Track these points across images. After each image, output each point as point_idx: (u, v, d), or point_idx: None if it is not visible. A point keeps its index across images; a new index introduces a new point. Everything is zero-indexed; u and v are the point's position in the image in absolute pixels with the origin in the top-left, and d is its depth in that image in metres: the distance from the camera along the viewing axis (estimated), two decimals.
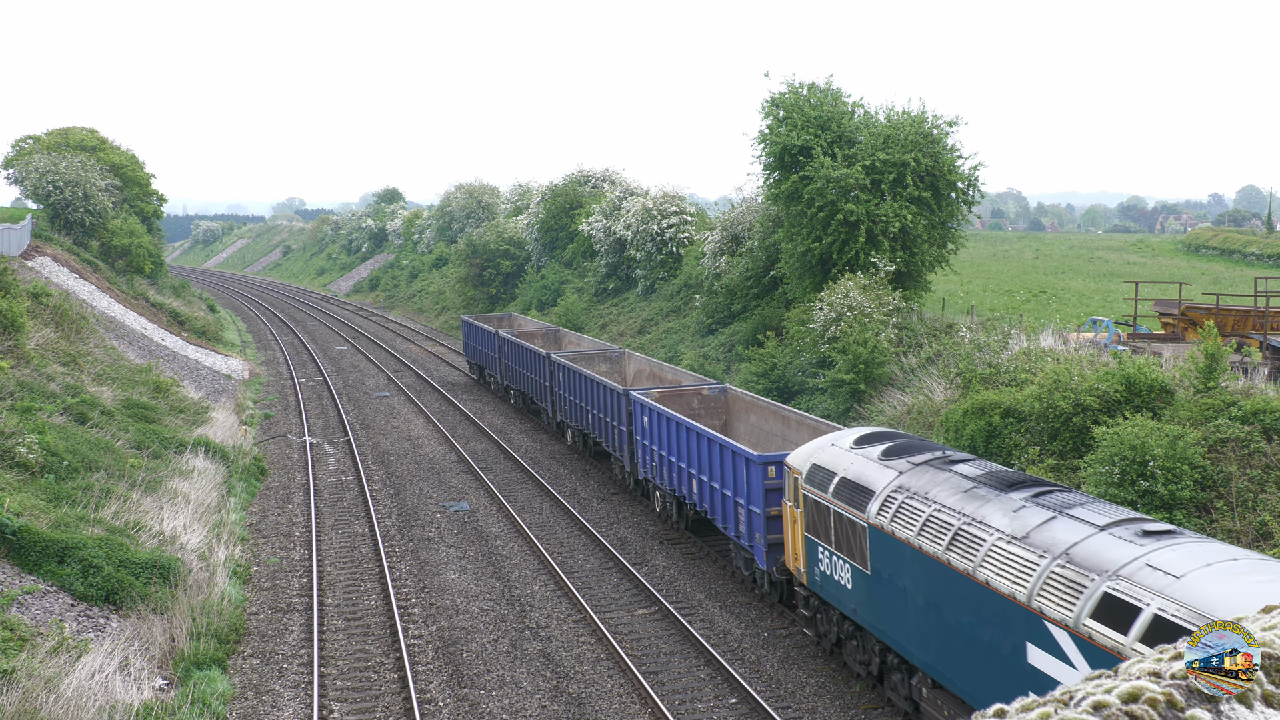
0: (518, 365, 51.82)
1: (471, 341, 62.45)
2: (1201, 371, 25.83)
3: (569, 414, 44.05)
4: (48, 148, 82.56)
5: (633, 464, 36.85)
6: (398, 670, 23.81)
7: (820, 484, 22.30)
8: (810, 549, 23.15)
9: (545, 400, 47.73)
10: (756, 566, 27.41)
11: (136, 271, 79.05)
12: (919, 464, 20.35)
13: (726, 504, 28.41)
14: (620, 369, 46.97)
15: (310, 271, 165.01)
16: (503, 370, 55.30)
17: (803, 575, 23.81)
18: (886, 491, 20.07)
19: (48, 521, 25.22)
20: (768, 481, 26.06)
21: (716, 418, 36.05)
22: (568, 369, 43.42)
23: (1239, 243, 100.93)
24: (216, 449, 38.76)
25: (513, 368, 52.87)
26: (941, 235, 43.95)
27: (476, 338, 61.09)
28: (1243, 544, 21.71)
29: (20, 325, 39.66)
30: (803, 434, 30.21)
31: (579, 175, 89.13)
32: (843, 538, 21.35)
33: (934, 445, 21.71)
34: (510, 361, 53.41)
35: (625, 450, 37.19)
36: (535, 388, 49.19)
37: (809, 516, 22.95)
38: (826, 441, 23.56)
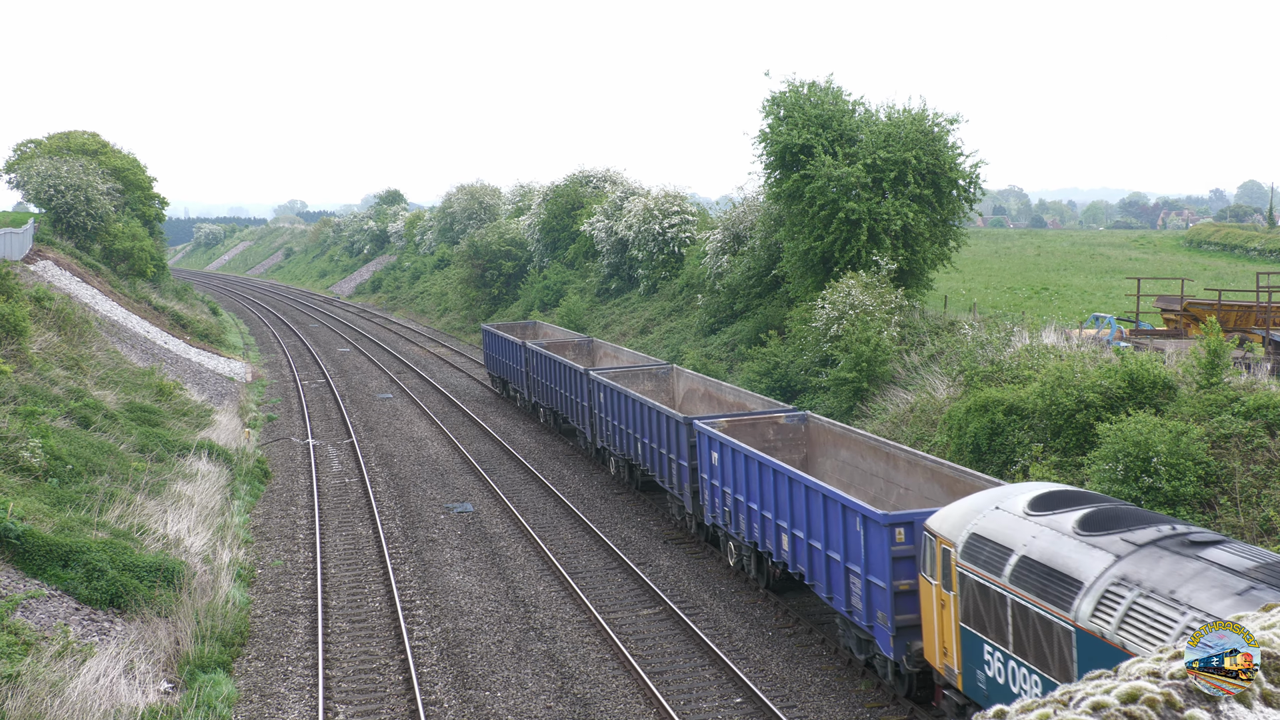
0: (549, 381, 46.96)
1: (494, 353, 57.55)
2: (1204, 367, 25.82)
3: (612, 440, 38.76)
4: (49, 151, 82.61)
5: (696, 505, 31.48)
6: (403, 672, 23.82)
7: (987, 562, 17.63)
8: (971, 645, 18.30)
9: (582, 422, 42.66)
10: (878, 652, 21.86)
11: (139, 275, 79.11)
12: (1144, 545, 15.70)
13: (833, 569, 23.12)
14: (668, 387, 41.58)
15: (312, 274, 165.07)
16: (530, 385, 50.66)
17: (957, 677, 18.83)
18: (1103, 584, 15.41)
19: (51, 525, 25.24)
20: (895, 548, 20.66)
21: (795, 451, 30.78)
22: (610, 389, 38.21)
23: (1241, 238, 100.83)
24: (220, 452, 38.78)
25: (543, 384, 48.19)
26: (943, 233, 43.95)
27: (499, 348, 56.07)
28: (1246, 539, 21.71)
29: (23, 329, 39.69)
30: (916, 477, 25.44)
31: (580, 175, 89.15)
32: (1029, 639, 16.69)
33: (1149, 515, 16.95)
34: (540, 377, 48.56)
35: (685, 489, 31.91)
36: (570, 407, 44.05)
37: (969, 603, 18.14)
38: (987, 502, 18.81)
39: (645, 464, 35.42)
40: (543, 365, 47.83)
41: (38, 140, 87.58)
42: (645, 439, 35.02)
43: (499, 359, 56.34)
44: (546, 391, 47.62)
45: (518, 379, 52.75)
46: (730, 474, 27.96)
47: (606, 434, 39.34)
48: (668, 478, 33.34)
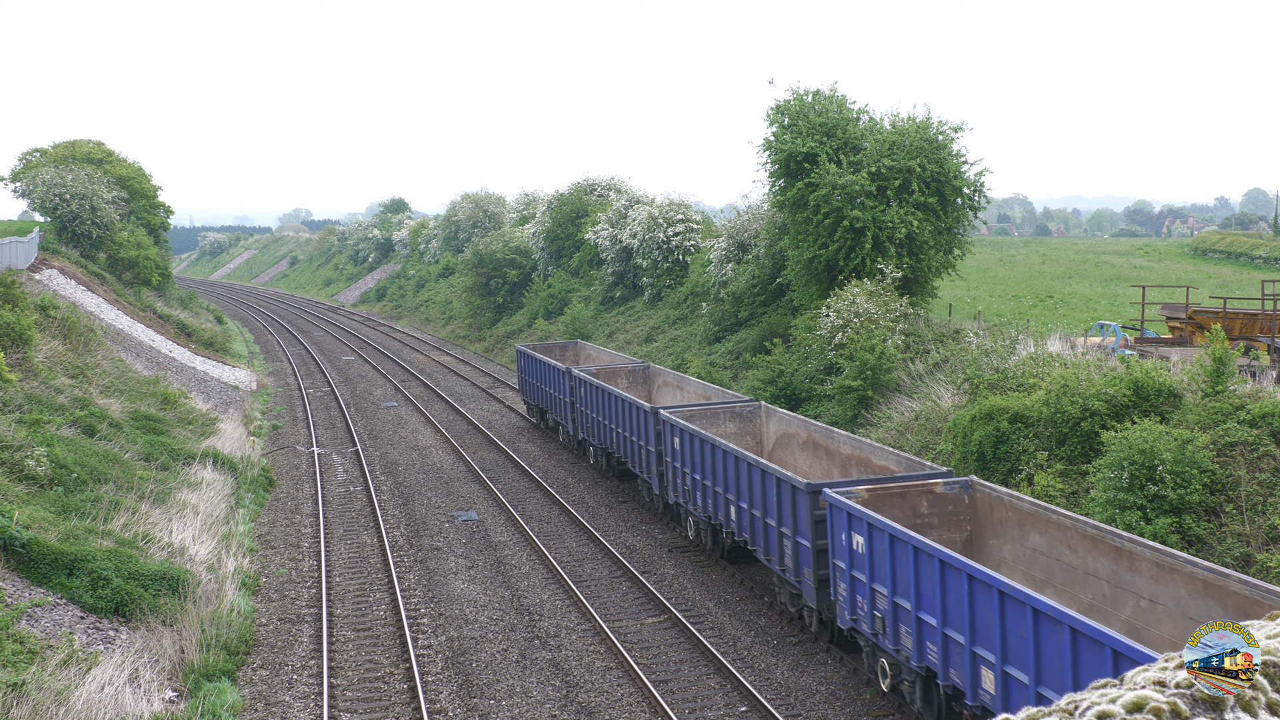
0: (601, 416, 40.18)
1: (530, 377, 50.76)
2: (1209, 375, 25.79)
3: (692, 497, 31.56)
4: (55, 160, 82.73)
5: (823, 597, 24.30)
6: (407, 680, 23.81)
7: None
8: None
9: (646, 469, 35.65)
10: None
11: (144, 283, 79.19)
12: None
13: None
14: (754, 429, 33.99)
15: (317, 282, 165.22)
16: (577, 419, 43.98)
17: None
18: None
19: (57, 534, 25.26)
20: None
21: (955, 529, 23.51)
22: (689, 434, 31.15)
23: (1246, 246, 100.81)
24: (225, 460, 38.80)
25: (593, 418, 41.27)
26: (948, 241, 43.93)
27: (537, 373, 49.29)
28: (1252, 547, 21.69)
29: (28, 338, 39.74)
30: (1170, 586, 18.22)
31: (585, 184, 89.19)
32: None
33: None
34: (590, 410, 41.68)
35: (809, 578, 24.49)
36: (630, 449, 37.26)
37: None
38: None
39: (744, 535, 27.91)
40: (593, 397, 41.04)
41: (43, 149, 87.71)
42: (743, 503, 27.69)
43: (536, 385, 49.74)
44: (597, 428, 41.00)
45: (560, 410, 46.20)
46: (886, 568, 20.72)
47: (683, 488, 32.11)
48: (780, 556, 25.84)
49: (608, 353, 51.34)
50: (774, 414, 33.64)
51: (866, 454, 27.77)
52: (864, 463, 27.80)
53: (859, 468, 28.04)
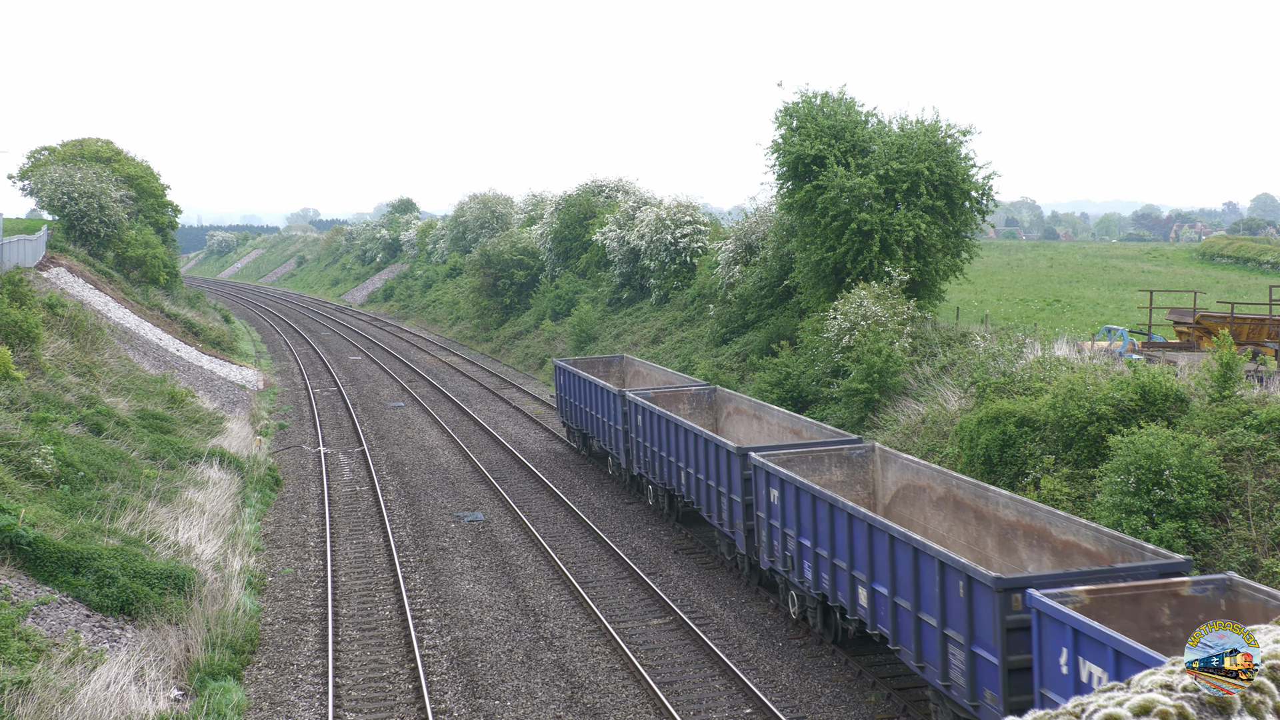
0: (666, 452, 34.32)
1: (570, 397, 45.43)
2: (1216, 380, 25.75)
3: (800, 567, 25.30)
4: (63, 159, 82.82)
5: None
6: (412, 681, 23.82)
7: None
8: None
9: (727, 520, 29.72)
10: None
11: (151, 282, 79.27)
12: None
13: None
14: (866, 476, 27.90)
15: (325, 282, 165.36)
16: (632, 451, 38.23)
17: None
18: None
19: (63, 532, 25.29)
20: None
21: None
22: (792, 487, 25.26)
23: (1254, 251, 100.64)
24: (231, 459, 38.84)
25: (654, 452, 35.54)
26: (955, 244, 43.89)
27: (580, 393, 43.78)
28: (1259, 552, 21.66)
29: (36, 336, 39.79)
30: None
31: (592, 185, 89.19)
32: None
33: None
34: (650, 442, 35.82)
35: None
36: (705, 495, 31.15)
37: None
38: None
39: (883, 628, 21.72)
40: (654, 428, 35.30)
41: (51, 148, 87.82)
42: (880, 586, 21.63)
43: (579, 407, 44.21)
44: (659, 464, 35.18)
45: (608, 438, 40.63)
46: None
47: (783, 551, 26.21)
48: (942, 666, 19.49)
49: (659, 370, 45.14)
50: (893, 460, 27.30)
51: (1043, 524, 21.26)
52: (1037, 535, 21.45)
53: (1029, 541, 21.68)
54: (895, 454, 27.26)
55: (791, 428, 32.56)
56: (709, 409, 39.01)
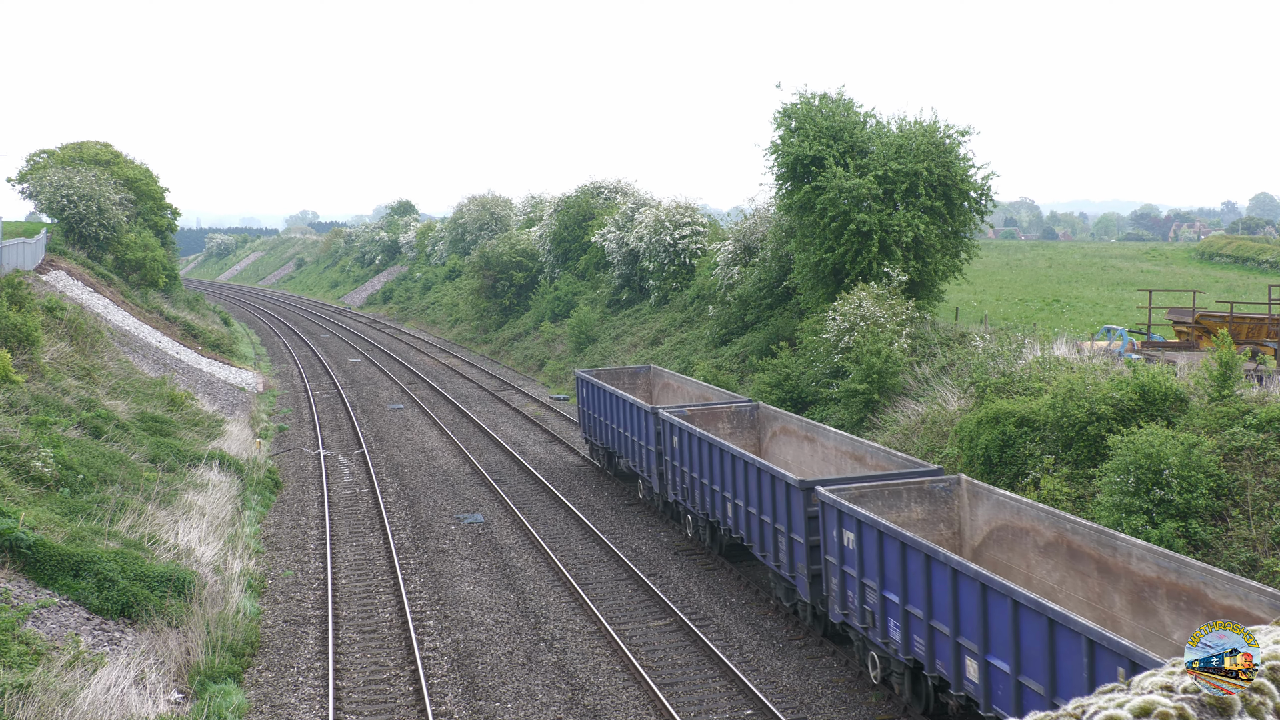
0: (708, 479, 30.75)
1: (594, 412, 42.17)
2: (1216, 380, 25.77)
3: (887, 628, 21.56)
4: (62, 162, 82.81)
5: None
6: (413, 683, 23.82)
7: None
8: None
9: (786, 563, 26.01)
10: None
11: (150, 285, 79.25)
12: None
13: None
14: (951, 513, 24.15)
15: (324, 284, 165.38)
16: (667, 475, 34.67)
17: None
18: None
19: (63, 535, 25.28)
20: None
21: None
22: (875, 528, 21.43)
23: (1253, 250, 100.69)
24: (231, 462, 38.83)
25: (693, 478, 32.05)
26: (954, 245, 43.90)
27: (604, 408, 40.72)
28: (1258, 552, 21.67)
29: (35, 339, 39.78)
30: None
31: (591, 186, 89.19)
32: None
33: None
34: (689, 467, 32.39)
35: None
36: (761, 533, 27.44)
37: None
38: None
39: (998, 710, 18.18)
40: (693, 451, 31.92)
41: (50, 150, 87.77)
42: (1000, 661, 18.07)
43: (602, 422, 41.21)
44: (701, 493, 31.69)
45: (639, 458, 37.28)
46: None
47: (860, 606, 22.29)
48: None
49: (692, 383, 41.32)
50: (984, 496, 23.49)
51: (1195, 584, 17.64)
52: (1187, 597, 17.87)
53: (1175, 603, 18.17)
54: (988, 489, 23.45)
55: (852, 453, 28.94)
56: (751, 428, 35.32)
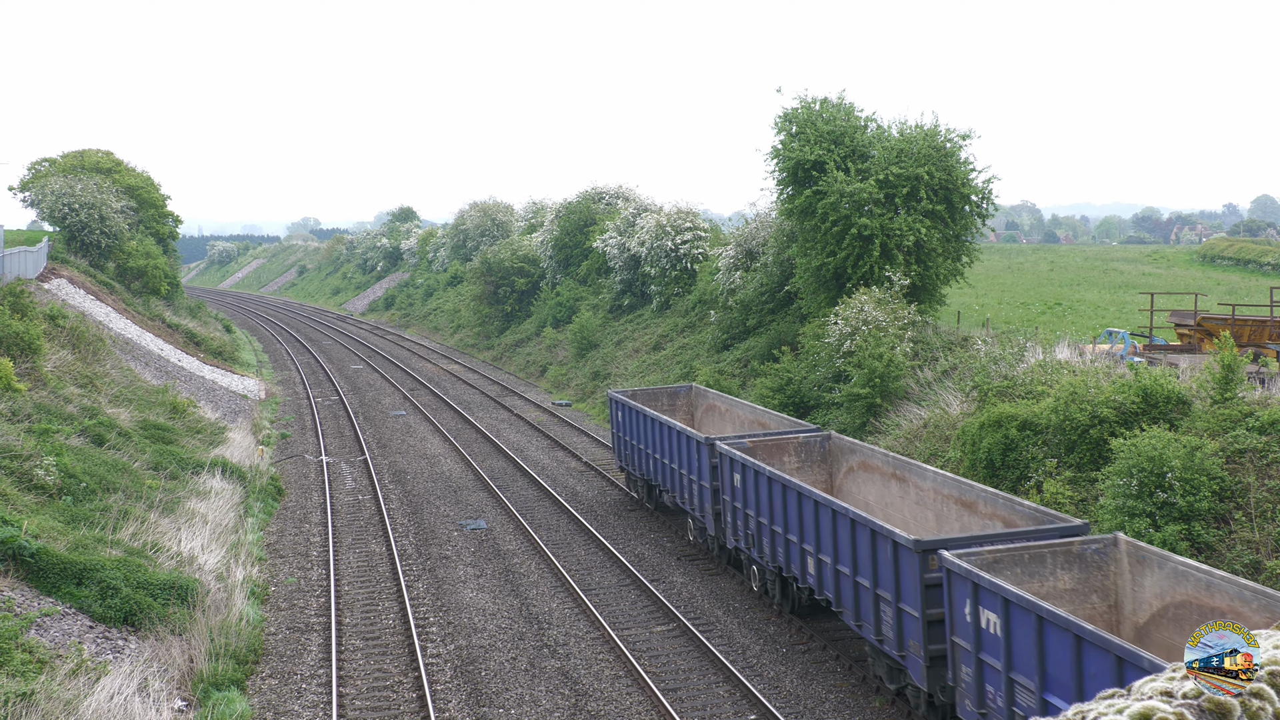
0: (783, 528, 26.06)
1: (632, 438, 37.62)
2: (1218, 382, 25.76)
3: None
4: (64, 170, 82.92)
5: None
6: (416, 689, 23.81)
7: None
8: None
9: (898, 641, 21.23)
10: None
11: (152, 293, 79.30)
12: None
13: None
14: (1105, 581, 19.56)
15: (325, 291, 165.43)
16: (726, 518, 29.76)
17: None
18: None
19: (66, 543, 25.28)
20: None
21: None
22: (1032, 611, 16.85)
23: (1254, 253, 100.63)
24: (233, 469, 38.83)
25: (763, 525, 27.24)
26: (956, 248, 43.88)
27: (643, 433, 36.32)
28: (1261, 554, 21.65)
29: (37, 347, 39.80)
30: None
31: (593, 192, 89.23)
32: None
33: None
34: (755, 511, 27.67)
35: None
36: (853, 595, 22.98)
37: None
38: None
39: None
40: (760, 492, 27.18)
41: (52, 159, 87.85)
42: None
43: (641, 450, 36.85)
44: (773, 542, 26.91)
45: (688, 494, 32.70)
46: None
47: (1007, 707, 17.77)
48: None
49: (742, 405, 36.72)
50: (1153, 562, 18.77)
51: None
52: None
53: None
54: (1160, 555, 18.66)
55: (958, 497, 24.31)
56: (821, 462, 30.44)
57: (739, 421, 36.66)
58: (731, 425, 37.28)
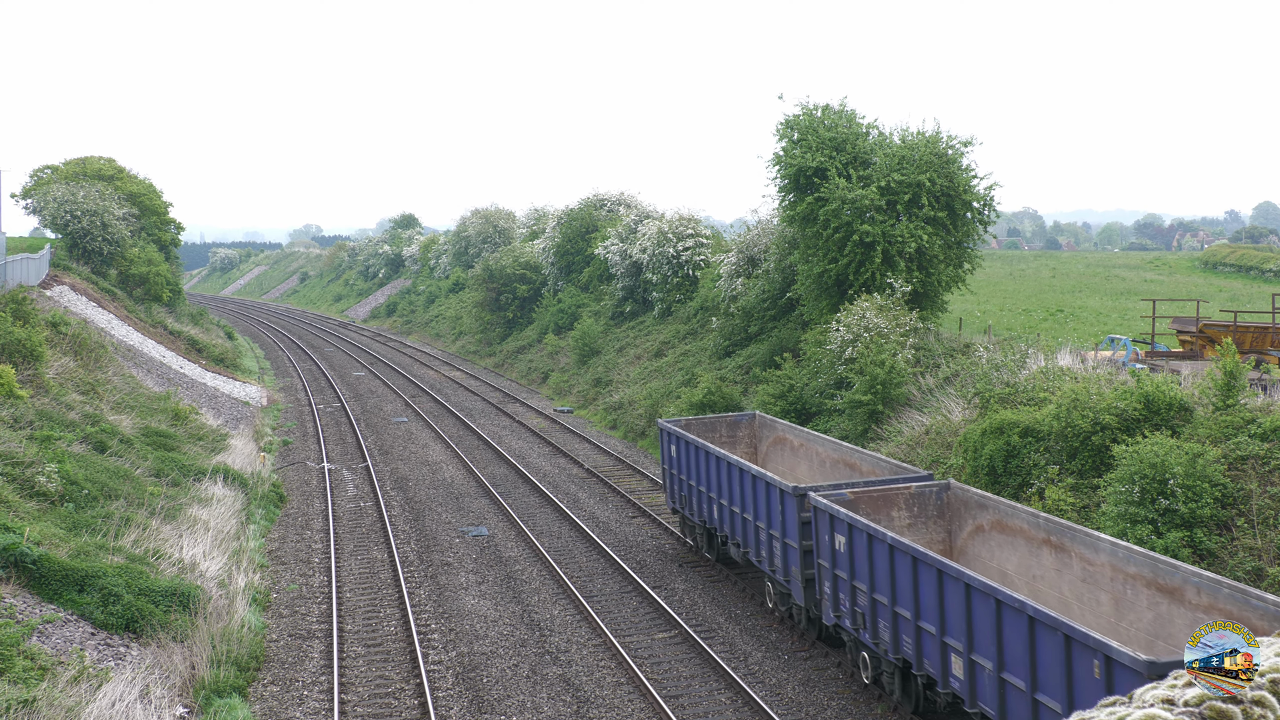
0: (925, 619, 20.39)
1: (688, 476, 32.67)
2: (1220, 389, 25.75)
3: None
4: (66, 177, 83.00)
5: None
6: (418, 696, 23.80)
7: None
8: None
9: None
10: None
11: (154, 299, 79.36)
12: None
13: None
14: None
15: (327, 298, 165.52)
16: (825, 587, 24.20)
17: None
18: None
19: (68, 550, 25.29)
20: None
21: None
22: None
23: (1256, 259, 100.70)
24: (235, 476, 38.83)
25: (878, 602, 21.97)
26: (958, 255, 43.88)
27: (706, 474, 31.09)
28: (1264, 561, 21.63)
29: (39, 354, 39.83)
30: None
31: (594, 199, 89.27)
32: None
33: None
34: (866, 584, 22.33)
35: None
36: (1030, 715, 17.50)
37: None
38: None
39: None
40: (877, 560, 21.86)
41: (54, 166, 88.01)
42: None
43: (701, 491, 31.75)
44: (899, 629, 21.33)
45: (767, 551, 27.45)
46: None
47: None
48: None
49: (820, 439, 31.67)
50: None
51: None
52: None
53: None
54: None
55: (1151, 578, 18.89)
56: (938, 517, 25.02)
57: (816, 459, 31.65)
58: (806, 463, 32.38)
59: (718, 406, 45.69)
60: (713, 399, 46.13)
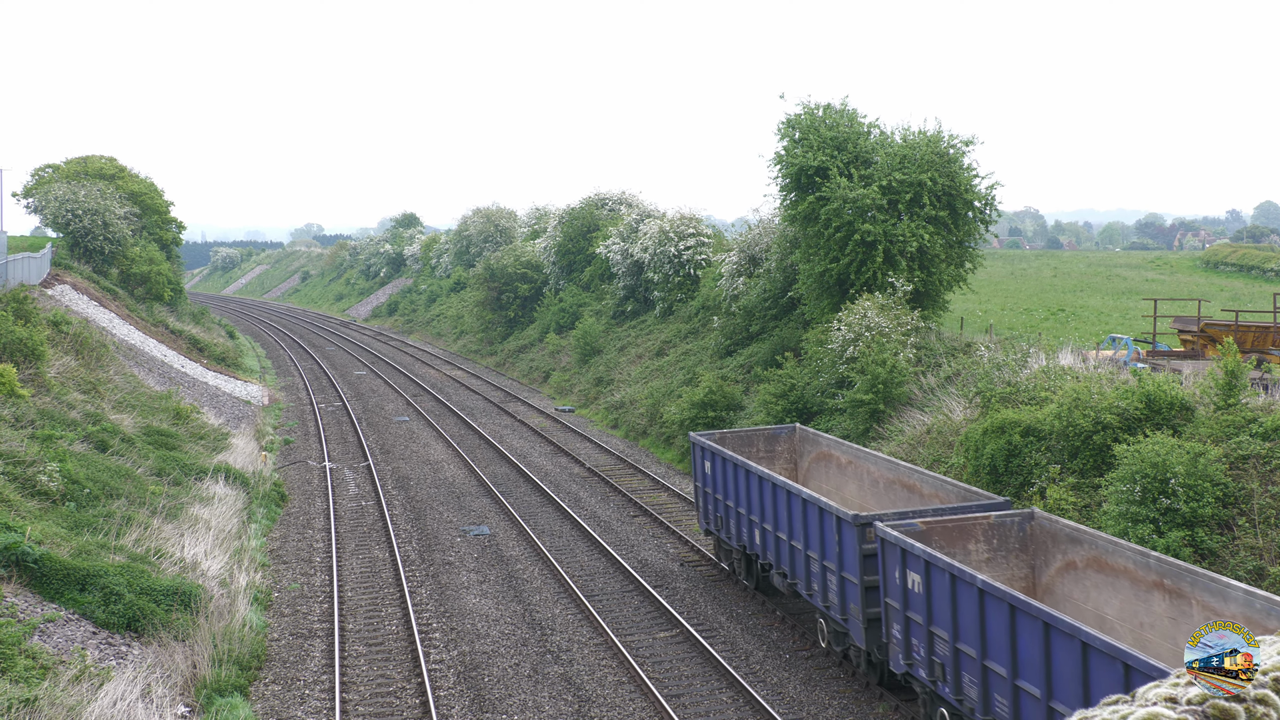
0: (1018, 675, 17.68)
1: (725, 496, 30.13)
2: (1222, 388, 25.74)
3: None
4: (67, 176, 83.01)
5: None
6: (419, 695, 23.81)
7: None
8: None
9: None
10: None
11: (156, 299, 79.36)
12: None
13: None
14: None
15: (329, 297, 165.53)
16: (897, 634, 21.35)
17: None
18: None
19: (69, 549, 25.30)
20: None
21: None
22: None
23: (1258, 259, 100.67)
24: (237, 475, 38.84)
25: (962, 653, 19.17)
26: (959, 254, 43.86)
27: (746, 496, 28.60)
28: (1265, 560, 21.62)
29: (41, 354, 39.83)
30: None
31: (596, 198, 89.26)
32: None
33: None
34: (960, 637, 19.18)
35: None
36: None
37: None
38: None
39: None
40: (963, 605, 19.09)
41: (56, 165, 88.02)
42: None
43: (740, 513, 29.22)
44: (982, 681, 18.67)
45: (823, 587, 24.66)
46: None
47: None
48: None
49: (870, 455, 29.16)
50: None
51: None
52: None
53: None
54: None
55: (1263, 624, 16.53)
56: (1021, 550, 22.32)
57: (867, 478, 29.09)
58: (854, 482, 29.78)
59: (719, 406, 45.71)
60: (714, 398, 46.16)
